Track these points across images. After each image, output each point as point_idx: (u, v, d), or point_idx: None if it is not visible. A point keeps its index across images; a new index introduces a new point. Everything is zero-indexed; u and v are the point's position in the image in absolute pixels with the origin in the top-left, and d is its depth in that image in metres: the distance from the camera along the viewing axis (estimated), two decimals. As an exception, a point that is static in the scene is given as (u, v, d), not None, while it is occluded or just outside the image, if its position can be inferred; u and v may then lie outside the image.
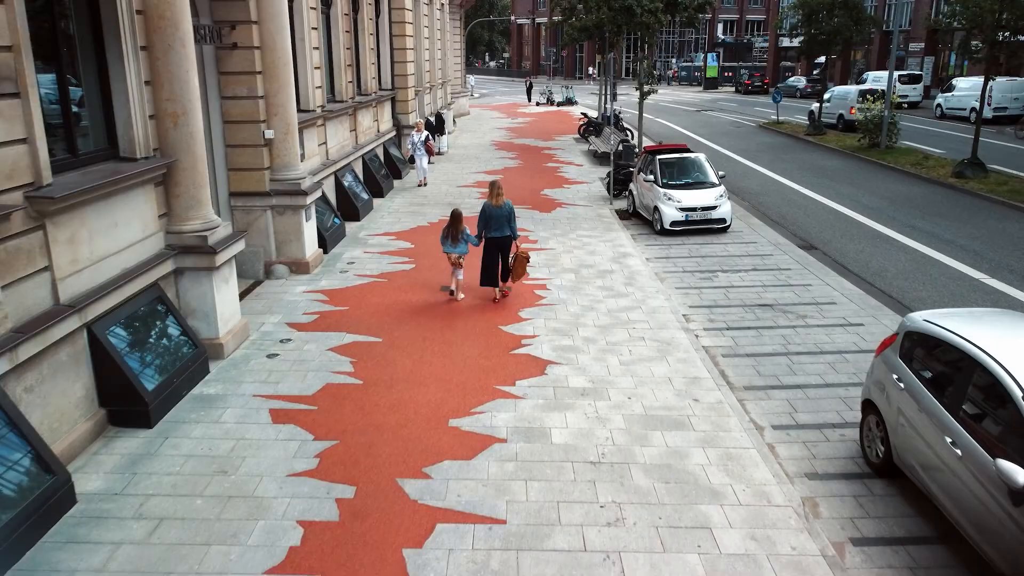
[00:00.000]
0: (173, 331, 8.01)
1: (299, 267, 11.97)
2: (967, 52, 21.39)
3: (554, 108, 46.96)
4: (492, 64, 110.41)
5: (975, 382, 5.50)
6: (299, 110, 12.97)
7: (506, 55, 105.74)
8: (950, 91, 35.63)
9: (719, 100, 53.01)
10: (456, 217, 10.88)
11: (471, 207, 15.34)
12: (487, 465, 6.51)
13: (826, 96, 32.96)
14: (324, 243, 13.13)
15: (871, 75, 43.97)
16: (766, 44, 70.31)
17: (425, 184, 20.03)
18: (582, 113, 34.13)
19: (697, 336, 9.74)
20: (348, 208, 15.67)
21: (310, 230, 12.27)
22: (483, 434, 7.04)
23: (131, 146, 7.83)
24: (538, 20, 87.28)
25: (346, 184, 15.86)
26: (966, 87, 34.15)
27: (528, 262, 11.12)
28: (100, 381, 6.96)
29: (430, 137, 20.65)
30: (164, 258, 8.10)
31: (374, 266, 12.62)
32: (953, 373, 5.82)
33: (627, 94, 40.62)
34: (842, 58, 45.03)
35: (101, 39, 7.55)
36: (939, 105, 36.18)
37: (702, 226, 15.11)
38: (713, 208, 15.08)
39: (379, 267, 12.56)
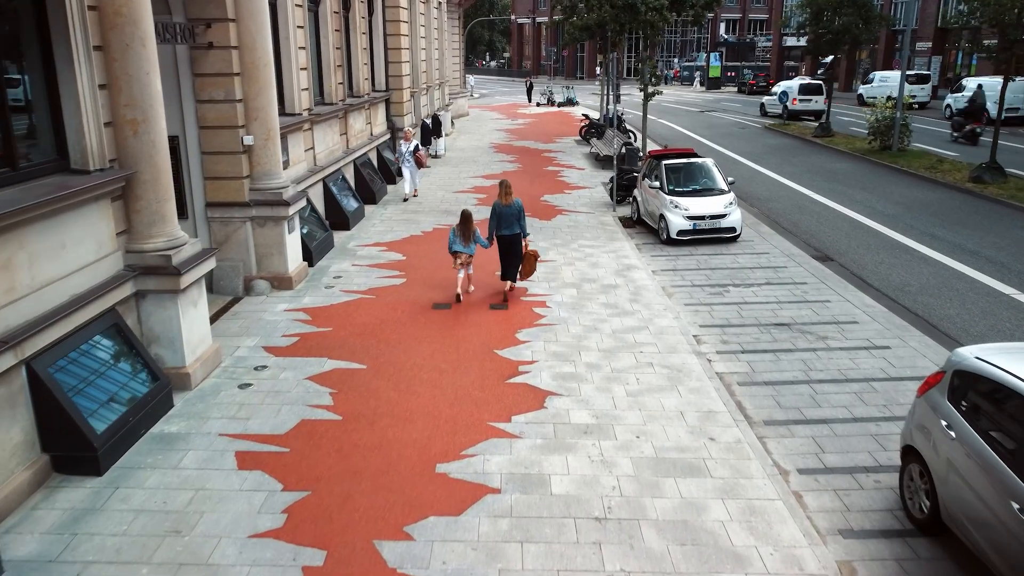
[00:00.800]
0: (131, 362, 7.22)
1: (281, 282, 11.18)
2: (983, 50, 20.59)
3: (555, 109, 46.14)
4: (492, 64, 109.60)
5: (1045, 436, 4.72)
6: (283, 114, 12.20)
7: (506, 55, 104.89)
8: (960, 91, 34.80)
9: (722, 100, 52.20)
10: (467, 217, 10.92)
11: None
12: (477, 523, 5.71)
13: (774, 90, 39.70)
14: (310, 255, 12.33)
15: (877, 75, 43.21)
16: (769, 43, 69.43)
17: (415, 196, 18.30)
18: (583, 114, 33.26)
19: (710, 361, 8.95)
20: (337, 216, 14.87)
21: (293, 242, 11.48)
22: (474, 482, 6.25)
23: (83, 157, 7.03)
24: (539, 19, 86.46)
25: (335, 191, 15.05)
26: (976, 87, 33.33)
27: (537, 259, 11.43)
28: (42, 424, 6.17)
29: (419, 147, 18.88)
30: (122, 280, 7.32)
31: (362, 280, 11.82)
32: (1016, 423, 5.03)
33: (628, 94, 39.84)
34: (847, 58, 44.21)
35: (48, 38, 6.76)
36: (948, 105, 35.31)
37: (711, 235, 14.31)
38: (722, 216, 14.28)
39: (367, 282, 11.76)
